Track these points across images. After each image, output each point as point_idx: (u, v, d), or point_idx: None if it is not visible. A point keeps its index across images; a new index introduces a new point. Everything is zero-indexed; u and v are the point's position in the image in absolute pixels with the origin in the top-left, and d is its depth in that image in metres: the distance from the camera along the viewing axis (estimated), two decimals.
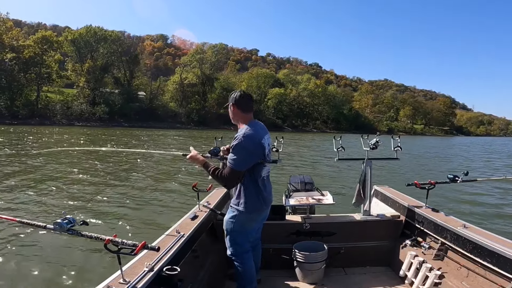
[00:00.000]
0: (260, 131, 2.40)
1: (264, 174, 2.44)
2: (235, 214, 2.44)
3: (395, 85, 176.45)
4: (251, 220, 2.48)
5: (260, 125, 2.49)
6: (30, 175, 9.65)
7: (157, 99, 59.89)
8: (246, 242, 2.54)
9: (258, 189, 2.40)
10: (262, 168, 2.40)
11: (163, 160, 14.40)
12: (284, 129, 64.67)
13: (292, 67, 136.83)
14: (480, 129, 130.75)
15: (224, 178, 2.27)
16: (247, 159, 2.28)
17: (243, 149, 2.25)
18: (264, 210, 2.53)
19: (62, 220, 1.74)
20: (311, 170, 12.71)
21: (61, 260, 4.25)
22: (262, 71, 77.88)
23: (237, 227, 2.47)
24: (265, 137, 2.42)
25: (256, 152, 2.31)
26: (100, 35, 54.74)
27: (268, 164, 2.46)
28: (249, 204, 2.39)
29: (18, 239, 4.83)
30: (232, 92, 2.48)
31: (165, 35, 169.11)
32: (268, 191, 2.52)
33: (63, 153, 15.32)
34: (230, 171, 2.26)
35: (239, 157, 2.24)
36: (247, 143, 2.25)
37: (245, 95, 2.43)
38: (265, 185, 2.47)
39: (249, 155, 2.28)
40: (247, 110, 2.42)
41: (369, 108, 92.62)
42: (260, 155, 2.34)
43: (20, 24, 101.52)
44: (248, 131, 2.30)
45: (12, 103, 44.47)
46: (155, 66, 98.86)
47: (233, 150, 2.27)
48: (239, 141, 2.25)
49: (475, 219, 6.35)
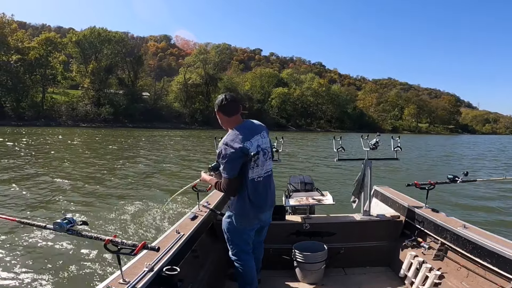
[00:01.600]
0: (246, 133, 2.33)
1: (253, 175, 2.37)
2: (229, 215, 2.49)
3: (399, 83, 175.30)
4: (244, 223, 2.46)
5: (248, 126, 2.42)
6: (30, 175, 9.71)
7: (161, 100, 60.07)
8: (244, 243, 2.53)
9: (247, 192, 2.36)
10: (248, 170, 2.34)
11: (163, 160, 14.46)
12: (288, 129, 64.59)
13: (296, 66, 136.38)
14: (485, 127, 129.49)
15: (223, 189, 2.36)
16: (232, 164, 2.27)
17: (224, 156, 2.26)
18: (258, 214, 2.46)
19: (62, 220, 1.74)
20: (311, 170, 12.65)
21: (61, 260, 4.26)
22: (265, 71, 77.74)
23: (232, 227, 2.49)
24: (253, 139, 2.35)
25: (236, 156, 2.26)
26: (104, 36, 54.89)
27: (259, 166, 2.39)
28: (237, 207, 2.42)
29: (18, 239, 4.83)
30: (216, 98, 2.45)
31: (168, 36, 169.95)
32: (260, 194, 2.43)
33: (63, 153, 15.46)
34: (224, 181, 2.33)
35: (224, 165, 2.28)
36: (226, 150, 2.26)
37: (227, 99, 2.36)
38: (255, 188, 2.39)
39: (231, 160, 2.26)
40: (232, 113, 2.38)
41: (373, 107, 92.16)
42: (242, 157, 2.28)
43: (25, 26, 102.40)
44: (228, 137, 2.32)
45: (18, 105, 44.80)
46: (158, 67, 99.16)
47: (218, 159, 2.35)
48: (220, 149, 2.30)
49: (475, 219, 6.30)
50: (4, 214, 3.78)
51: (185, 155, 17.03)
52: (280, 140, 3.35)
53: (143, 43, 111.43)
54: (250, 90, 68.70)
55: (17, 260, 4.25)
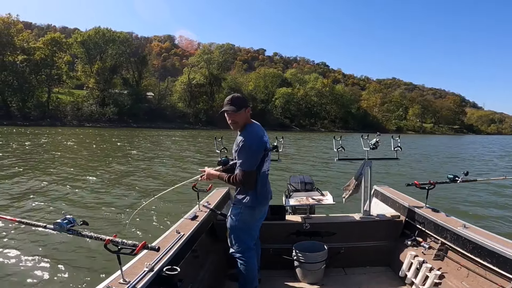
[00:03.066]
0: (260, 129, 2.53)
1: (265, 169, 2.52)
2: (239, 211, 2.51)
3: (403, 83, 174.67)
4: (254, 216, 2.54)
5: (259, 123, 2.60)
6: (30, 175, 9.74)
7: (166, 100, 60.24)
8: (250, 240, 2.59)
9: (259, 184, 2.47)
10: (263, 164, 2.48)
11: (163, 161, 14.47)
12: (292, 129, 64.54)
13: (299, 66, 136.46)
14: (491, 127, 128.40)
15: (241, 182, 2.39)
16: (255, 158, 2.38)
17: (249, 148, 2.35)
18: (265, 205, 2.61)
19: (62, 220, 1.75)
20: (311, 170, 12.62)
21: (61, 260, 4.26)
22: (269, 71, 77.68)
23: (241, 223, 2.52)
24: (265, 134, 2.53)
25: (260, 150, 2.40)
26: (108, 37, 55.18)
27: (268, 160, 2.55)
28: (252, 198, 2.46)
29: (18, 239, 4.83)
30: (235, 97, 2.45)
31: (172, 36, 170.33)
32: (267, 187, 2.61)
33: (63, 153, 15.53)
34: (244, 174, 2.37)
35: (249, 158, 2.36)
36: (252, 143, 2.36)
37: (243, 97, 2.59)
38: (265, 181, 2.56)
39: (256, 153, 2.37)
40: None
41: (377, 107, 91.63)
42: (263, 151, 2.42)
43: (30, 26, 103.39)
44: (251, 131, 2.44)
45: (23, 105, 45.19)
46: (162, 67, 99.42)
47: (240, 153, 2.38)
48: (244, 142, 2.36)
49: (475, 220, 6.26)
50: (4, 214, 3.81)
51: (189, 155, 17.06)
52: (280, 140, 3.36)
53: (147, 43, 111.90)
54: (254, 90, 68.69)
55: (17, 260, 4.25)
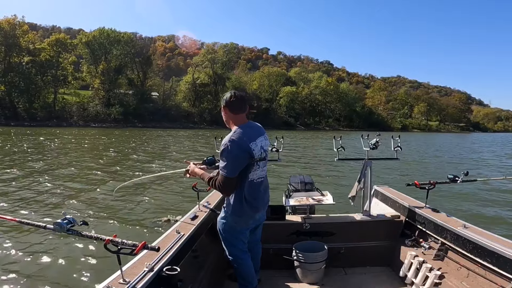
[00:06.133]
0: (250, 133, 2.32)
1: (253, 177, 2.36)
2: (225, 215, 2.45)
3: (408, 81, 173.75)
4: (240, 223, 2.44)
5: (253, 127, 2.41)
6: (30, 175, 9.78)
7: (170, 99, 60.58)
8: (239, 242, 2.51)
9: (244, 193, 2.33)
10: (250, 171, 2.32)
11: (163, 161, 14.48)
12: (297, 128, 64.45)
13: (304, 65, 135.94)
14: (497, 125, 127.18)
15: (219, 187, 2.27)
16: (236, 164, 2.23)
17: (229, 154, 2.19)
18: (254, 214, 2.45)
19: (62, 220, 1.75)
20: (311, 170, 12.54)
21: (61, 260, 4.25)
22: (273, 70, 77.73)
23: (227, 227, 2.46)
24: (258, 140, 2.34)
25: (242, 156, 2.24)
26: (113, 37, 55.53)
27: (260, 167, 2.39)
28: (234, 207, 2.36)
29: (18, 239, 4.83)
30: (223, 94, 2.42)
31: (176, 36, 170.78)
32: (258, 195, 2.43)
33: (63, 153, 15.63)
34: (223, 179, 2.23)
35: (228, 163, 2.20)
36: (232, 148, 2.19)
37: (235, 96, 2.34)
38: (254, 189, 2.38)
39: (236, 159, 2.22)
40: (238, 111, 2.35)
41: (382, 105, 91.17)
42: (247, 158, 2.26)
43: (36, 28, 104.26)
44: (234, 134, 2.25)
45: (30, 105, 45.80)
46: (167, 67, 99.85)
47: (221, 156, 2.23)
48: (225, 146, 2.21)
49: (475, 220, 6.20)
50: (4, 214, 3.83)
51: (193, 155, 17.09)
52: (280, 140, 3.37)
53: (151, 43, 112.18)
54: (258, 89, 68.74)
55: (17, 260, 4.26)
